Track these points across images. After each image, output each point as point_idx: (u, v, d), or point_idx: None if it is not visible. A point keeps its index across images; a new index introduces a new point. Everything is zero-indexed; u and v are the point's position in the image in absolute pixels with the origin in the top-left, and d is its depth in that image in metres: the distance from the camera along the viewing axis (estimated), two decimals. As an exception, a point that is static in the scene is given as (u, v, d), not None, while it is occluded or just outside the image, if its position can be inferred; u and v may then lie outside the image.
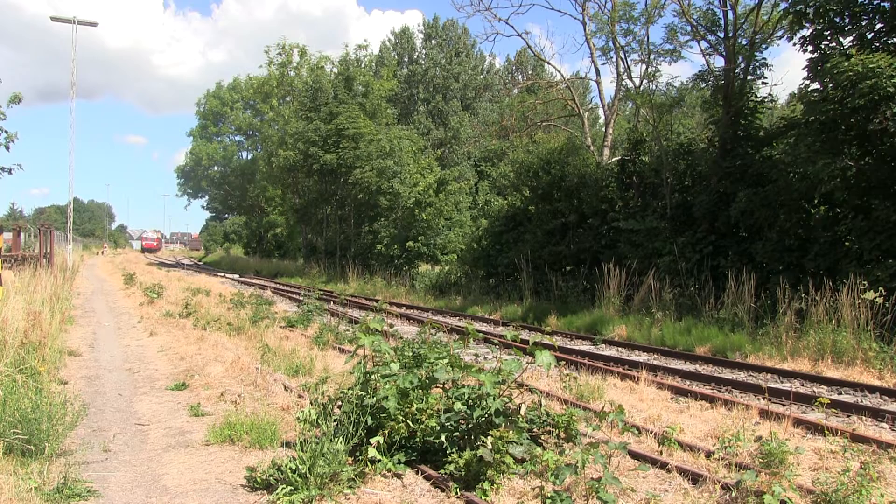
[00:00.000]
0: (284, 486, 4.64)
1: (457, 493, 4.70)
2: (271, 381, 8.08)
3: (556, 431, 5.47)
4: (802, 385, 9.26)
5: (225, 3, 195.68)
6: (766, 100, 16.11)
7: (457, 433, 5.30)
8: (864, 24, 12.62)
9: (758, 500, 4.36)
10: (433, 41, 53.49)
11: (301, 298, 19.70)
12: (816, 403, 6.70)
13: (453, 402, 5.34)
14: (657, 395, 8.27)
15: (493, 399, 5.14)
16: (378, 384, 5.41)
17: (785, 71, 72.43)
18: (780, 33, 16.61)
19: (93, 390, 7.98)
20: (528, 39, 50.33)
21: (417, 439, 5.38)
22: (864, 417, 7.42)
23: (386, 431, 5.14)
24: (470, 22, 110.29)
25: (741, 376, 9.86)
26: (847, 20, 12.91)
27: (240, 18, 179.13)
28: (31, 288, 12.48)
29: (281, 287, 28.18)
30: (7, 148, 9.07)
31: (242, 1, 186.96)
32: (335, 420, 5.20)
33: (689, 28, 18.12)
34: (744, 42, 16.53)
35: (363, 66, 45.63)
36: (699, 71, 17.57)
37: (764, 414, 7.09)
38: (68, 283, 19.88)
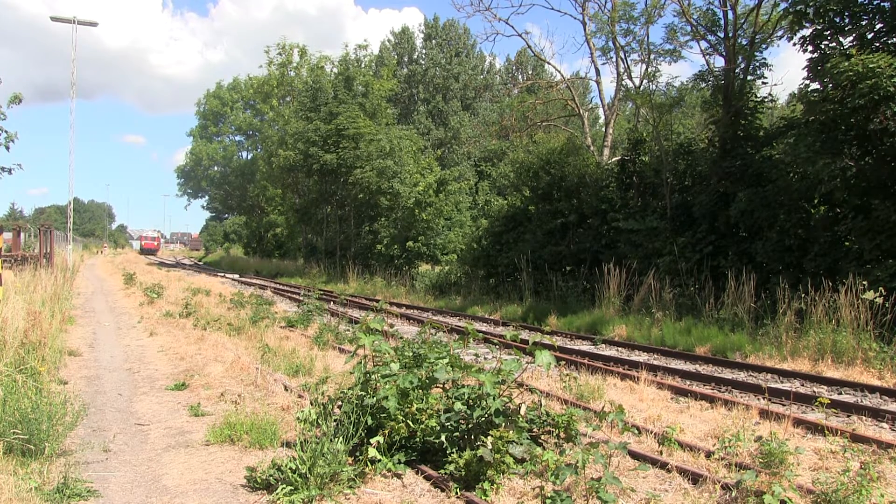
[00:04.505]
0: (284, 486, 4.64)
1: (457, 493, 4.70)
2: (271, 381, 8.08)
3: (556, 431, 5.47)
4: (802, 385, 9.26)
5: (221, 3, 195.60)
6: (766, 100, 16.11)
7: (457, 433, 5.30)
8: (864, 24, 12.62)
9: (758, 500, 4.36)
10: (433, 41, 53.52)
11: (301, 298, 19.71)
12: (816, 403, 6.70)
13: (453, 402, 5.34)
14: (657, 395, 8.27)
15: (493, 399, 5.14)
16: (378, 384, 5.41)
17: (785, 71, 72.69)
18: (780, 33, 16.63)
19: (93, 390, 7.98)
20: (528, 39, 50.33)
21: (417, 439, 5.38)
22: (864, 417, 7.42)
23: (386, 431, 5.14)
24: (470, 22, 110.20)
25: (741, 376, 9.86)
26: (847, 20, 12.91)
27: (236, 18, 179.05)
28: (31, 288, 12.49)
29: (281, 287, 28.18)
30: (7, 148, 9.04)
31: (238, 1, 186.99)
32: (335, 420, 5.20)
33: (689, 28, 18.15)
34: (744, 42, 16.54)
35: (363, 66, 45.69)
36: (699, 71, 17.60)
37: (764, 414, 7.09)
38: (68, 283, 19.89)
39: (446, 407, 5.43)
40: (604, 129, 24.90)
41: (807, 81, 13.18)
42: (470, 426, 5.22)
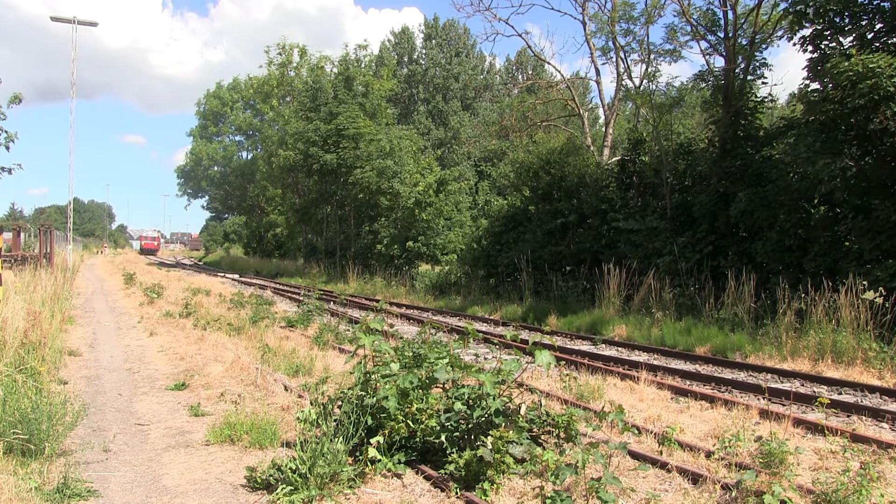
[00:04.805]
0: (284, 486, 4.64)
1: (457, 493, 4.70)
2: (271, 381, 8.08)
3: (556, 431, 5.47)
4: (802, 385, 9.26)
5: (221, 3, 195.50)
6: (766, 100, 16.11)
7: (457, 433, 5.30)
8: (864, 24, 12.63)
9: (758, 500, 4.36)
10: (433, 41, 53.53)
11: (301, 298, 19.71)
12: (816, 403, 6.70)
13: (453, 402, 5.34)
14: (657, 395, 8.27)
15: (493, 399, 5.14)
16: (378, 384, 5.41)
17: (785, 71, 72.64)
18: (780, 33, 16.64)
19: (93, 390, 7.98)
20: (528, 39, 50.37)
21: (417, 439, 5.38)
22: (864, 417, 7.42)
23: (386, 431, 5.14)
24: (470, 22, 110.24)
25: (741, 376, 9.86)
26: (847, 20, 12.91)
27: (236, 18, 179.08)
28: (31, 288, 12.49)
29: (281, 287, 28.18)
30: (7, 148, 9.03)
31: (238, 1, 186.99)
32: (335, 420, 5.20)
33: (689, 28, 18.15)
34: (744, 42, 16.54)
35: (363, 66, 45.68)
36: (699, 71, 17.60)
37: (764, 414, 7.10)
38: (68, 283, 19.88)
39: (446, 407, 5.43)
40: (604, 129, 24.90)
41: (807, 81, 13.19)
42: (470, 426, 5.22)
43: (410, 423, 5.32)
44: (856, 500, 4.35)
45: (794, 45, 13.43)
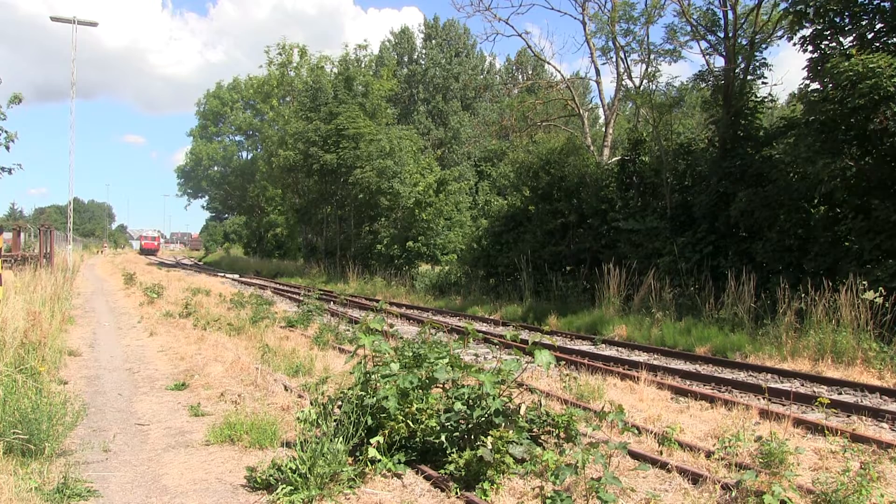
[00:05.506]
0: (284, 486, 4.64)
1: (457, 493, 4.70)
2: (271, 381, 8.08)
3: (556, 431, 5.47)
4: (802, 385, 9.26)
5: (221, 3, 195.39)
6: (766, 100, 16.11)
7: (457, 433, 5.30)
8: (864, 24, 12.63)
9: (758, 500, 4.36)
10: (433, 41, 53.54)
11: (301, 298, 19.70)
12: (816, 403, 6.70)
13: (453, 402, 5.34)
14: (657, 395, 8.27)
15: (493, 399, 5.14)
16: (378, 384, 5.41)
17: (785, 71, 72.47)
18: (780, 33, 16.63)
19: (93, 390, 7.98)
20: (528, 39, 50.48)
21: (417, 439, 5.38)
22: (864, 417, 7.42)
23: (386, 431, 5.14)
24: (470, 22, 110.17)
25: (741, 376, 9.86)
26: (847, 20, 12.92)
27: (236, 18, 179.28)
28: (31, 288, 12.48)
29: (281, 287, 28.18)
30: (7, 148, 9.06)
31: (238, 1, 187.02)
32: (335, 420, 5.20)
33: (689, 28, 18.14)
34: (744, 42, 16.54)
35: (363, 66, 45.71)
36: (699, 71, 17.60)
37: (764, 414, 7.09)
38: (68, 283, 19.88)
39: (446, 407, 5.43)
40: (604, 129, 24.88)
41: (807, 81, 13.19)
42: (470, 426, 5.22)
43: (410, 423, 5.32)
44: (856, 500, 4.35)
45: (794, 45, 13.44)
